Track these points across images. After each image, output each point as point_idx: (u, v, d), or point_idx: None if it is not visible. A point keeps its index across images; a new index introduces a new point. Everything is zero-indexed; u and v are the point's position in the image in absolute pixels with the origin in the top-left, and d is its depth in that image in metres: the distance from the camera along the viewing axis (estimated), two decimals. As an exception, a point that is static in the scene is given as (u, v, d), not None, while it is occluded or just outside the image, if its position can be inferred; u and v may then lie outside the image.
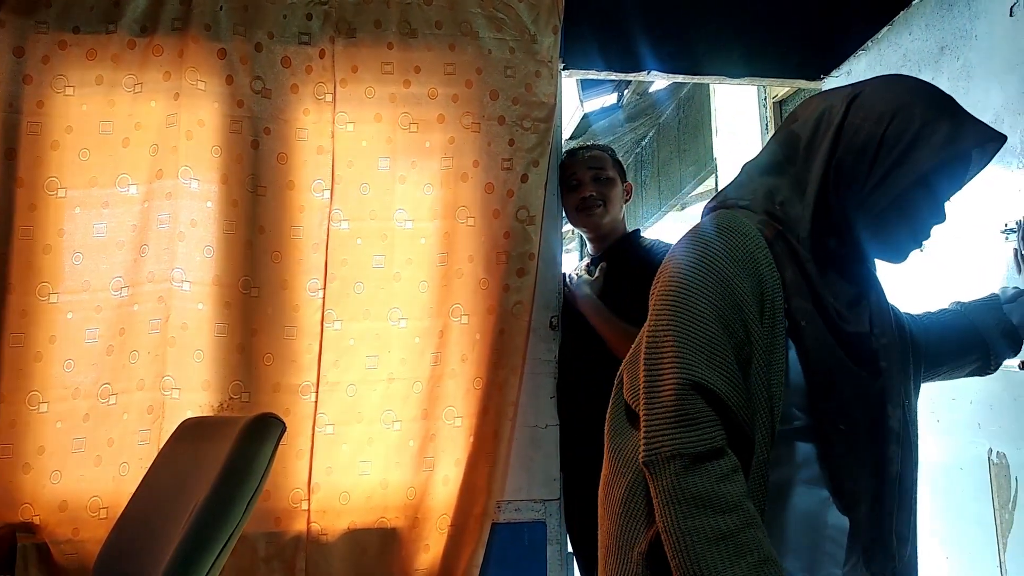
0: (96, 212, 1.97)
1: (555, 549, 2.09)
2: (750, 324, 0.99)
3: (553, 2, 2.21)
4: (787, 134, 1.11)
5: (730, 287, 0.99)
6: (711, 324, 0.97)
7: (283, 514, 1.96)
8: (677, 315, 0.99)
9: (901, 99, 1.01)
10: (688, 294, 1.00)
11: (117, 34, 2.00)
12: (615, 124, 5.58)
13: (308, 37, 2.10)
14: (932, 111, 0.99)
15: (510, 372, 2.06)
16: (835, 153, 1.02)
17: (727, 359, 0.96)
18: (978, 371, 1.34)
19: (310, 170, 2.07)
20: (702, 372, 0.95)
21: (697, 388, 0.94)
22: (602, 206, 2.11)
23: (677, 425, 0.94)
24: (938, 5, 2.01)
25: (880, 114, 1.00)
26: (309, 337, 2.01)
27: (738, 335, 0.98)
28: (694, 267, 1.01)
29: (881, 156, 0.99)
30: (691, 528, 0.91)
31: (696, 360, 0.96)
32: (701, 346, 0.96)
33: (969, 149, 1.01)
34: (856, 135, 1.01)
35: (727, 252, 1.01)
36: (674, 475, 0.93)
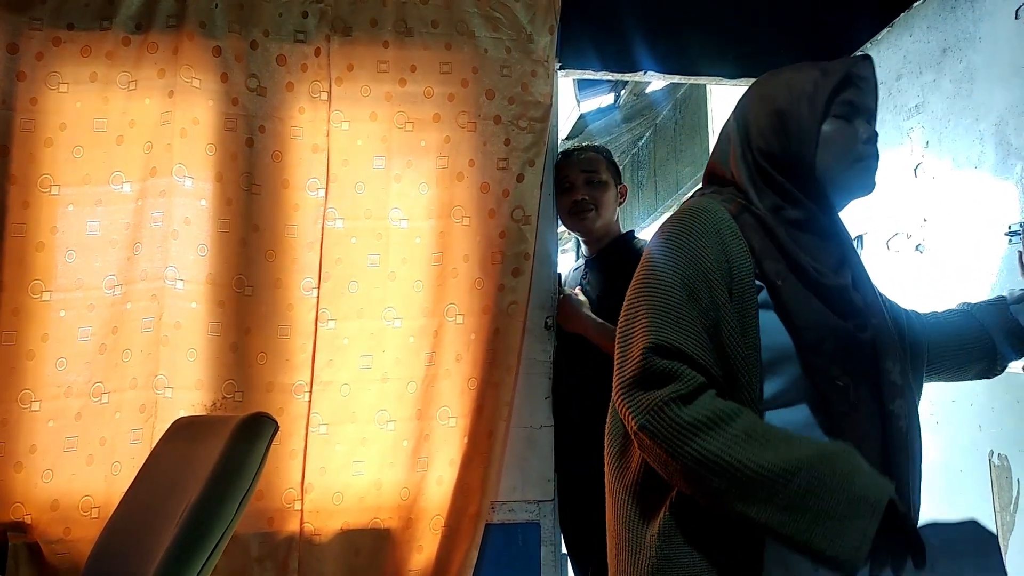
0: (89, 210, 1.96)
1: (549, 550, 2.08)
2: (716, 291, 1.03)
3: (550, 2, 2.20)
4: (708, 168, 1.24)
5: (695, 258, 1.04)
6: (676, 291, 1.02)
7: (276, 514, 1.95)
8: (646, 289, 1.05)
9: (770, 81, 1.17)
10: (656, 269, 1.06)
11: (111, 31, 1.99)
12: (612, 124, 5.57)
13: (304, 35, 2.09)
14: (797, 72, 1.14)
15: (505, 372, 2.05)
16: (750, 146, 1.13)
17: (693, 323, 1.00)
18: (984, 372, 1.34)
19: (305, 168, 2.06)
20: (668, 334, 0.99)
21: (663, 350, 0.99)
22: (594, 210, 2.10)
23: (656, 382, 0.97)
24: (941, 7, 2.01)
25: (762, 98, 1.15)
26: (303, 336, 2.00)
27: (703, 301, 1.02)
28: (662, 246, 1.08)
29: (784, 121, 1.11)
30: (714, 447, 0.92)
31: (662, 324, 1.00)
32: (667, 312, 1.01)
33: (844, 73, 1.11)
34: (757, 125, 1.13)
35: (691, 228, 1.07)
36: (673, 417, 0.95)
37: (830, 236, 1.12)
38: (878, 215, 2.29)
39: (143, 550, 1.38)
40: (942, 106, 2.01)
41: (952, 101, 1.97)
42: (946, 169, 2.00)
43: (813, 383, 1.04)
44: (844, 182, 1.12)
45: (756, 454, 0.91)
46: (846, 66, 1.12)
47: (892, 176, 2.21)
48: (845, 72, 1.11)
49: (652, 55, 2.41)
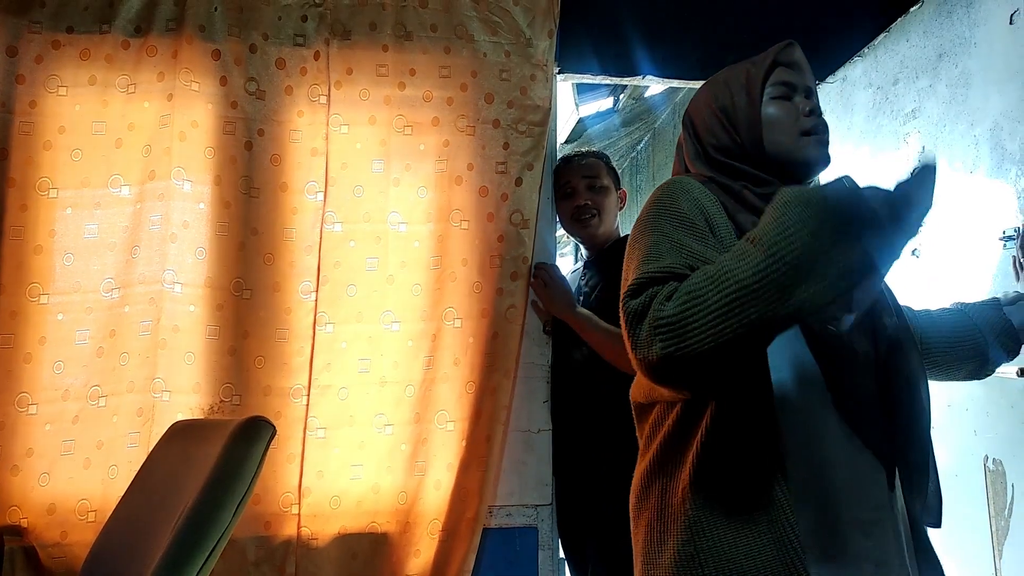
0: (88, 213, 1.95)
1: (547, 555, 2.08)
2: (698, 233, 1.06)
3: (549, 6, 2.21)
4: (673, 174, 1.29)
5: (673, 211, 1.08)
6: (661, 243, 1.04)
7: (273, 518, 1.95)
8: (636, 251, 1.07)
9: (708, 84, 1.25)
10: (646, 231, 1.08)
11: (111, 34, 2.00)
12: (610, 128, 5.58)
13: (303, 39, 2.09)
14: (730, 71, 1.22)
15: (503, 376, 2.05)
16: (704, 146, 1.20)
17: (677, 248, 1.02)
18: (974, 372, 1.35)
19: (304, 172, 2.06)
20: (647, 269, 1.00)
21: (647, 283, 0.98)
22: (597, 216, 2.11)
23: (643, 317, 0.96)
24: (937, 12, 2.02)
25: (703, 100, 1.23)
26: (301, 340, 2.00)
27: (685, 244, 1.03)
28: (647, 218, 1.11)
29: (727, 115, 1.17)
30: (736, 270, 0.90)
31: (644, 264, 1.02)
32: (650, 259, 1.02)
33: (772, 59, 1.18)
34: (704, 125, 1.20)
35: (672, 195, 1.11)
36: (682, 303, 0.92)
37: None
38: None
39: (140, 554, 1.38)
40: (938, 111, 2.02)
41: (948, 106, 1.98)
42: (942, 174, 2.00)
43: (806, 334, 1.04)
44: (798, 156, 1.15)
45: (747, 265, 0.89)
46: (772, 53, 1.19)
47: (888, 181, 2.22)
48: (772, 58, 1.18)
49: (651, 59, 2.42)
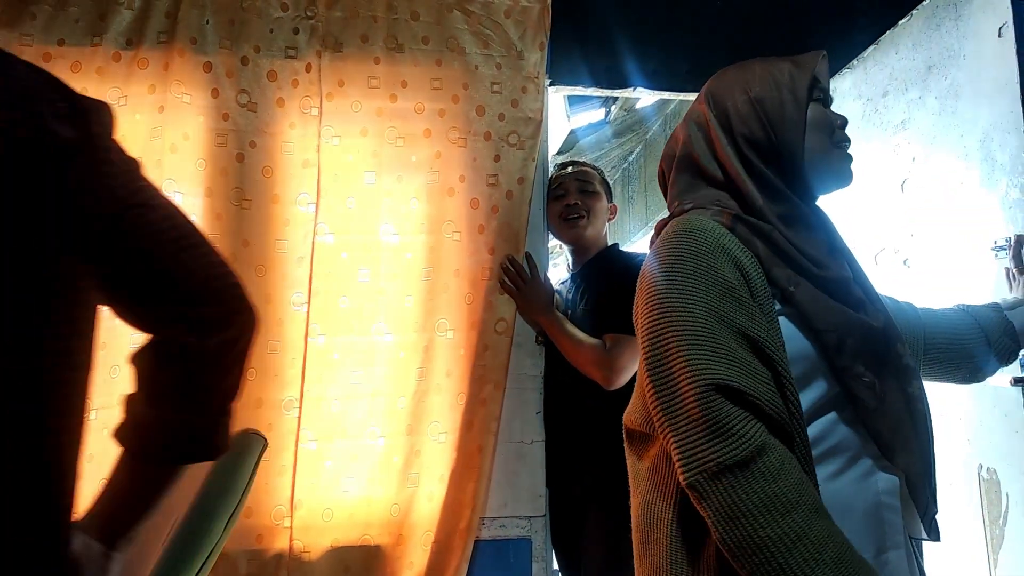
0: (78, 225, 1.95)
1: (540, 566, 2.07)
2: (747, 307, 0.97)
3: (540, 19, 2.22)
4: (680, 160, 1.16)
5: (714, 276, 0.97)
6: (709, 321, 0.94)
7: (265, 531, 1.93)
8: (672, 322, 0.96)
9: (741, 72, 1.13)
10: (676, 299, 0.97)
11: (102, 47, 2.00)
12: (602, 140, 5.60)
13: (294, 51, 2.10)
14: (768, 64, 1.12)
15: (494, 387, 2.05)
16: (733, 134, 1.09)
17: (735, 352, 0.93)
18: (971, 374, 1.35)
19: (295, 184, 2.06)
20: (719, 372, 0.91)
21: (719, 390, 0.90)
22: (585, 217, 2.12)
23: (713, 436, 0.89)
24: (926, 25, 2.04)
25: (739, 87, 1.11)
26: (293, 352, 2.00)
27: (735, 323, 0.95)
28: (673, 271, 0.99)
29: (767, 109, 1.08)
30: (764, 539, 0.85)
31: (707, 361, 0.92)
32: (707, 346, 0.93)
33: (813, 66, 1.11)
34: (737, 112, 1.09)
35: (699, 247, 1.00)
36: (727, 490, 0.87)
37: (816, 227, 1.09)
38: (865, 230, 2.30)
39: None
40: (928, 122, 2.03)
41: (938, 117, 2.00)
42: (932, 184, 2.02)
43: (841, 385, 1.01)
44: (827, 167, 1.10)
45: (800, 565, 0.85)
46: (813, 59, 1.13)
47: (879, 191, 2.23)
48: (815, 64, 1.12)
49: (642, 71, 2.44)
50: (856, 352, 1.00)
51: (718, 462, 0.88)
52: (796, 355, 0.99)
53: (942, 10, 1.97)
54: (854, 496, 1.00)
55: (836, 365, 0.99)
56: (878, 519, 1.01)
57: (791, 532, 0.85)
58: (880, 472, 1.02)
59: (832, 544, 0.86)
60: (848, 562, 0.85)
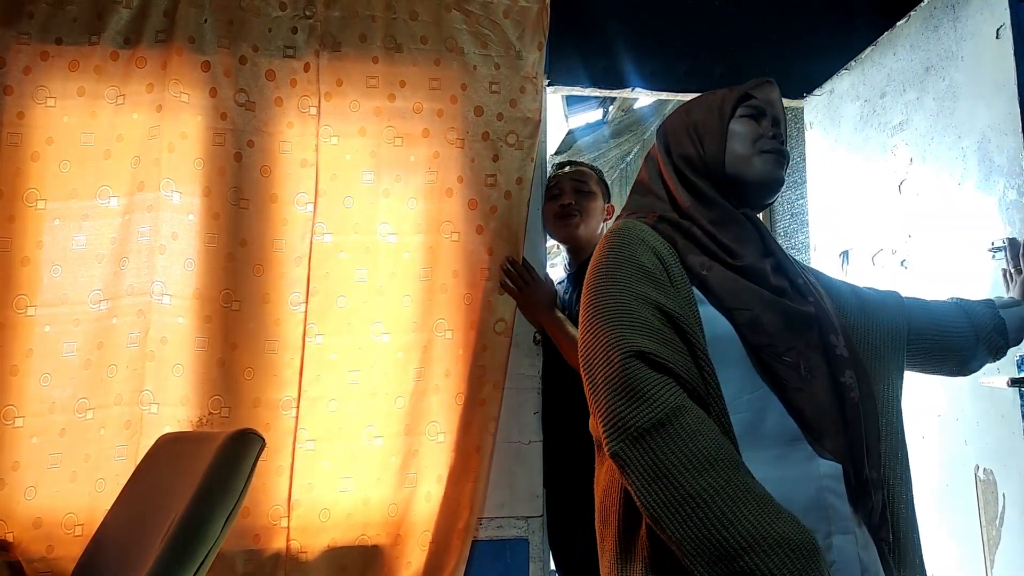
0: (76, 224, 1.95)
1: (537, 567, 2.07)
2: (663, 288, 1.07)
3: (538, 19, 2.22)
4: (634, 185, 1.31)
5: (634, 263, 1.09)
6: (628, 299, 1.05)
7: (262, 531, 1.93)
8: (599, 305, 1.06)
9: (687, 103, 1.28)
10: (602, 285, 1.08)
11: (100, 46, 1.99)
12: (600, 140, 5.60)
13: (293, 50, 2.10)
14: (711, 93, 1.26)
15: (493, 388, 2.05)
16: (671, 155, 1.23)
17: (652, 324, 1.02)
18: (958, 368, 1.36)
19: (293, 183, 2.06)
20: (636, 340, 1.00)
21: (638, 356, 0.98)
22: (579, 216, 2.12)
23: (631, 400, 0.96)
24: (924, 26, 2.04)
25: (681, 117, 1.26)
26: (290, 351, 2.00)
27: (653, 299, 1.04)
28: (601, 264, 1.12)
29: (698, 128, 1.21)
30: (684, 495, 0.90)
31: (625, 332, 1.01)
32: (625, 320, 1.02)
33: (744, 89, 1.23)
34: (675, 136, 1.24)
35: (622, 241, 1.12)
36: (647, 452, 0.93)
37: (748, 231, 1.17)
38: (863, 231, 2.31)
39: (127, 568, 1.36)
40: (925, 124, 2.04)
41: (935, 119, 2.00)
42: (930, 186, 2.02)
43: (761, 364, 1.06)
44: (751, 172, 1.18)
45: (723, 512, 0.88)
46: (755, 83, 1.24)
47: (876, 192, 2.24)
48: (749, 87, 1.23)
49: (639, 72, 2.44)
50: (776, 331, 1.06)
51: (637, 426, 0.94)
52: (719, 336, 1.06)
53: (940, 12, 1.98)
54: (796, 480, 1.03)
55: (751, 342, 1.05)
56: (821, 503, 1.03)
57: (711, 486, 0.90)
58: (820, 458, 1.05)
59: (752, 496, 0.91)
60: (768, 512, 0.90)
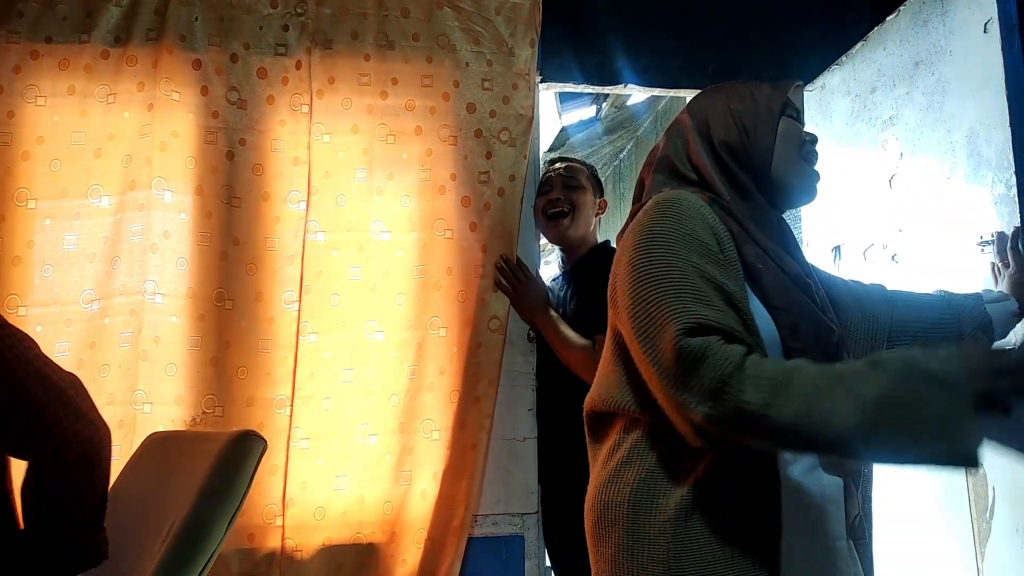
0: (67, 224, 1.94)
1: (533, 563, 2.07)
2: (722, 268, 1.03)
3: (530, 15, 2.22)
4: (657, 163, 1.23)
5: (694, 238, 1.03)
6: (690, 274, 1.00)
7: (257, 530, 1.93)
8: (657, 278, 1.01)
9: (723, 88, 1.23)
10: (658, 254, 1.03)
11: (90, 44, 1.98)
12: (593, 137, 5.61)
13: (284, 48, 2.09)
14: (747, 84, 1.22)
15: (488, 385, 2.05)
16: (710, 139, 1.17)
17: (715, 301, 0.98)
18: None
19: (286, 181, 2.05)
20: (701, 312, 0.96)
21: (695, 331, 0.94)
22: (569, 215, 2.11)
23: (694, 366, 0.92)
24: (913, 21, 2.05)
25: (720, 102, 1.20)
26: (284, 350, 1.99)
27: (714, 278, 1.00)
28: (655, 232, 1.05)
29: (742, 117, 1.17)
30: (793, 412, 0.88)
31: (689, 305, 0.97)
32: (689, 293, 0.98)
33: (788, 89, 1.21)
34: (716, 119, 1.18)
35: (680, 213, 1.06)
36: (734, 398, 0.90)
37: (778, 232, 1.16)
38: (854, 225, 2.31)
39: (123, 568, 1.36)
40: (915, 118, 2.04)
41: (925, 113, 2.01)
42: (920, 180, 2.03)
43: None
44: (793, 178, 1.17)
45: (838, 399, 0.88)
46: (790, 84, 1.22)
47: (867, 187, 2.24)
48: (790, 88, 1.22)
49: (632, 68, 2.44)
50: (811, 342, 1.05)
51: (716, 378, 0.91)
52: (763, 333, 1.04)
53: (929, 7, 1.98)
54: (809, 485, 1.05)
55: (788, 346, 1.05)
56: (825, 511, 1.05)
57: (810, 387, 0.89)
58: (819, 469, 1.06)
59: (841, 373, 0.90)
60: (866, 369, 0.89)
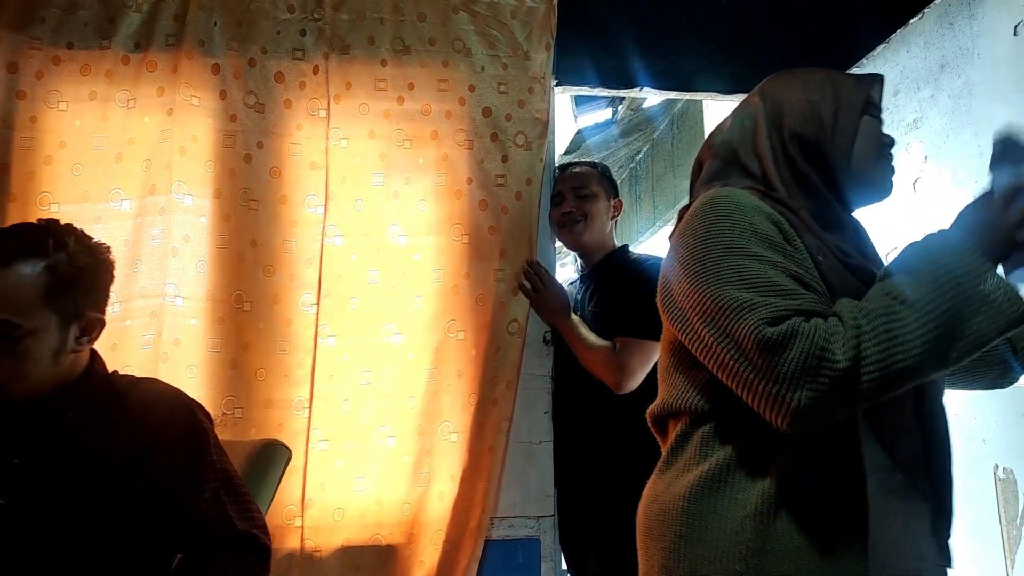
0: (88, 227, 1.90)
1: (549, 566, 2.07)
2: (788, 255, 0.98)
3: (546, 19, 2.22)
4: (718, 147, 1.16)
5: (754, 230, 0.98)
6: (757, 264, 0.95)
7: (276, 531, 1.93)
8: (721, 272, 0.96)
9: (802, 74, 1.15)
10: (721, 251, 0.98)
11: (111, 50, 2.00)
12: (609, 139, 5.60)
13: (302, 53, 2.10)
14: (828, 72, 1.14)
15: (505, 388, 2.05)
16: (781, 130, 1.10)
17: (789, 283, 0.94)
18: (997, 379, 1.28)
19: (303, 185, 2.06)
20: (774, 301, 0.92)
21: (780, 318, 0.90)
22: (582, 222, 2.10)
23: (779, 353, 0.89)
24: (938, 23, 2.02)
25: (796, 90, 1.12)
26: (302, 352, 2.00)
27: (782, 265, 0.96)
28: (708, 230, 1.00)
29: (821, 109, 1.09)
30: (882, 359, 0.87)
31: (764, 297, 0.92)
32: (761, 283, 0.94)
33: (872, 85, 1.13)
34: (791, 109, 1.10)
35: (736, 207, 1.01)
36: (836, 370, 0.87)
37: (850, 229, 1.11)
38: (877, 230, 2.29)
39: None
40: (940, 121, 2.02)
41: (951, 116, 1.98)
42: (945, 184, 2.01)
43: None
44: (870, 177, 1.11)
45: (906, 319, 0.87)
46: (873, 78, 1.15)
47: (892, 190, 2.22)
48: (873, 84, 1.14)
49: (648, 71, 2.43)
50: None
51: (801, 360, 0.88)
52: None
53: (955, 8, 1.96)
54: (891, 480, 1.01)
55: None
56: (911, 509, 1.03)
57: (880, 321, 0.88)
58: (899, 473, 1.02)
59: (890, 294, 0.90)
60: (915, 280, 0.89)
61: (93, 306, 1.27)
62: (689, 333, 1.01)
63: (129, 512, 1.20)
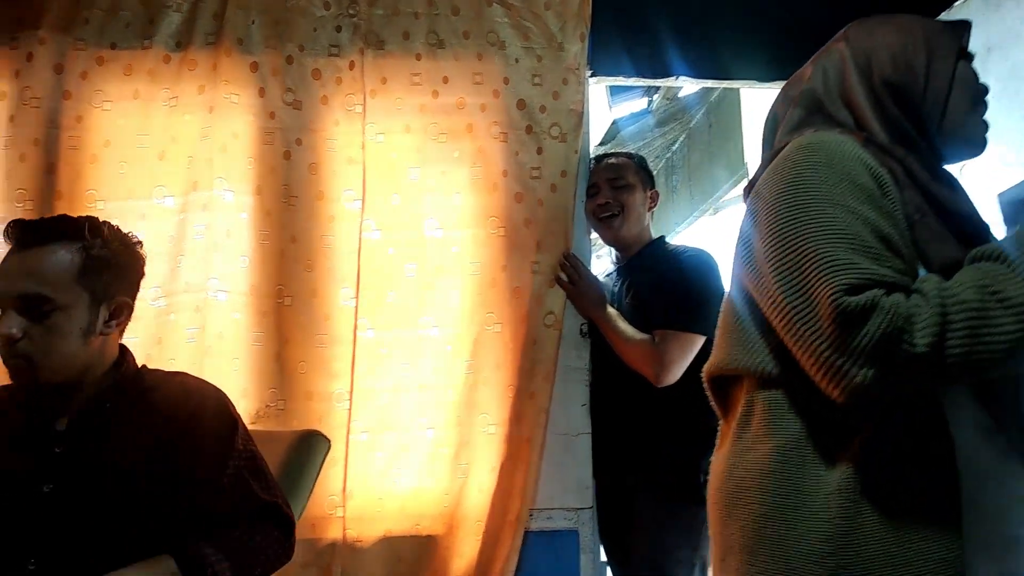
0: (133, 224, 1.99)
1: (588, 558, 2.07)
2: (884, 213, 0.91)
3: (580, 10, 2.21)
4: (802, 95, 1.09)
5: (850, 181, 0.92)
6: (848, 222, 0.89)
7: (318, 521, 1.97)
8: (806, 231, 0.90)
9: (890, 19, 1.08)
10: (806, 206, 0.91)
11: (153, 49, 2.04)
12: (644, 129, 5.55)
13: (338, 49, 2.12)
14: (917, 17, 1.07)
15: (543, 380, 2.05)
16: (871, 75, 1.02)
17: (880, 247, 0.88)
18: None
19: (340, 180, 2.09)
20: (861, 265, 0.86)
21: (863, 286, 0.85)
22: (619, 215, 2.10)
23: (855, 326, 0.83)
24: (984, 5, 1.98)
25: (889, 30, 1.05)
26: (342, 345, 2.03)
27: (876, 225, 0.89)
28: (800, 179, 0.94)
29: (914, 55, 1.02)
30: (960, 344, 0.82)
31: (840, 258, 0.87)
32: (848, 244, 0.88)
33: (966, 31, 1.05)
34: (881, 53, 1.03)
35: (832, 155, 0.95)
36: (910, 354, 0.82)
37: (946, 184, 1.00)
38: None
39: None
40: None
41: (998, 100, 1.92)
42: (993, 168, 1.96)
43: None
44: (964, 129, 1.04)
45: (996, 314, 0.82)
46: (964, 24, 1.07)
47: None
48: (965, 29, 1.06)
49: (684, 59, 2.40)
50: None
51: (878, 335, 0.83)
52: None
53: (1000, -11, 1.91)
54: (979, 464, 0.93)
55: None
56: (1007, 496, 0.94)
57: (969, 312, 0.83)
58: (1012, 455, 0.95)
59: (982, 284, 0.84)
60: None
61: (123, 291, 1.32)
62: (760, 287, 0.96)
63: (162, 498, 1.24)
